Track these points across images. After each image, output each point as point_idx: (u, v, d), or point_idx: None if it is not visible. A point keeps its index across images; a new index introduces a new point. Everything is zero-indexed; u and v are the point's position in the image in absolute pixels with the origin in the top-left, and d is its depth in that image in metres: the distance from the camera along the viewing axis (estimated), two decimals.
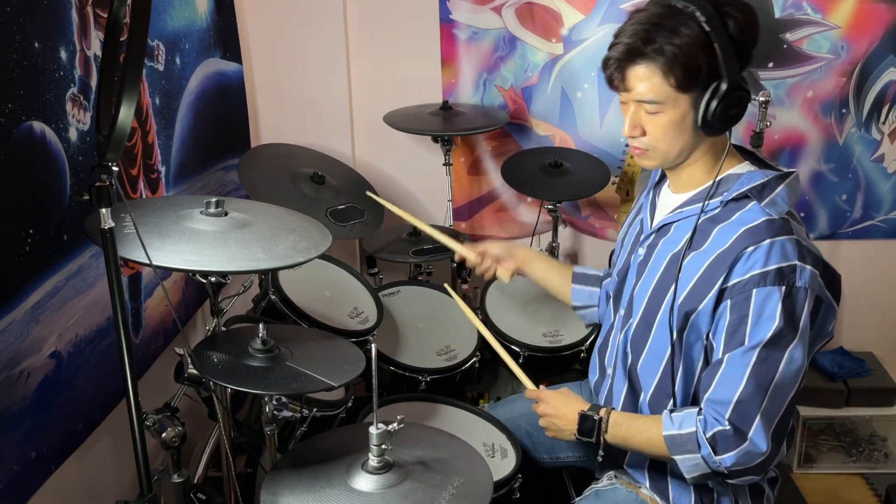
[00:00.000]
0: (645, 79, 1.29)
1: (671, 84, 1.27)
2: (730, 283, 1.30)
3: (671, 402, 1.43)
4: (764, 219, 1.30)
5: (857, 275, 2.70)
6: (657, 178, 1.57)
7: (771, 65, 2.45)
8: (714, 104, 1.27)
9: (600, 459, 1.47)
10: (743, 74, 1.29)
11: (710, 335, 1.35)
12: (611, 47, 1.32)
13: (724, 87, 1.26)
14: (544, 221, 2.62)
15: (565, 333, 2.15)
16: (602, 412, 1.44)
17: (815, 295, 1.30)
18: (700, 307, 1.34)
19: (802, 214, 2.61)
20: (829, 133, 2.53)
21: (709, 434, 1.32)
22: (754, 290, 1.27)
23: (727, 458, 1.31)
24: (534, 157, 2.47)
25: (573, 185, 2.40)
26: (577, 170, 2.43)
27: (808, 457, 2.55)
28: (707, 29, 1.23)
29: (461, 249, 1.84)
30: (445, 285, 2.00)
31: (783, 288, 1.26)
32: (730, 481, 1.38)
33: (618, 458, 1.53)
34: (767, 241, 1.28)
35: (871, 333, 2.73)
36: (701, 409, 1.35)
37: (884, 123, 2.51)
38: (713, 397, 1.33)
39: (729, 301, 1.30)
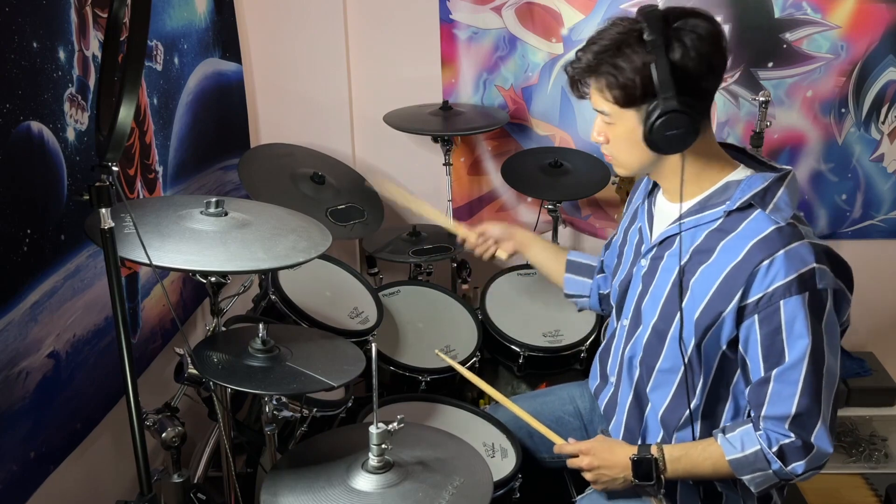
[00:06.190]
0: (594, 92, 1.36)
1: (610, 100, 1.33)
2: (752, 299, 1.30)
3: (688, 414, 1.42)
4: (773, 228, 1.30)
5: (857, 275, 2.66)
6: (650, 185, 1.56)
7: (771, 65, 2.45)
8: (647, 124, 1.30)
9: (662, 497, 1.45)
10: (689, 100, 1.27)
11: (742, 351, 1.35)
12: (574, 59, 1.37)
13: (656, 109, 1.28)
14: (544, 221, 2.62)
15: (565, 333, 2.15)
16: (654, 450, 1.42)
17: (833, 290, 1.31)
18: (718, 320, 1.34)
19: (801, 214, 2.61)
20: (828, 133, 2.53)
21: (774, 448, 1.33)
22: (781, 302, 1.28)
23: (798, 467, 1.34)
24: (534, 157, 2.47)
25: (573, 185, 2.40)
26: (577, 170, 2.43)
27: None
28: (648, 50, 1.27)
29: (461, 230, 1.86)
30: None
31: (807, 294, 1.27)
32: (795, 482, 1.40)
33: None
34: (782, 251, 1.28)
35: (871, 333, 2.73)
36: (758, 426, 1.35)
37: (883, 123, 2.51)
38: (769, 414, 1.33)
39: (756, 316, 1.30)
